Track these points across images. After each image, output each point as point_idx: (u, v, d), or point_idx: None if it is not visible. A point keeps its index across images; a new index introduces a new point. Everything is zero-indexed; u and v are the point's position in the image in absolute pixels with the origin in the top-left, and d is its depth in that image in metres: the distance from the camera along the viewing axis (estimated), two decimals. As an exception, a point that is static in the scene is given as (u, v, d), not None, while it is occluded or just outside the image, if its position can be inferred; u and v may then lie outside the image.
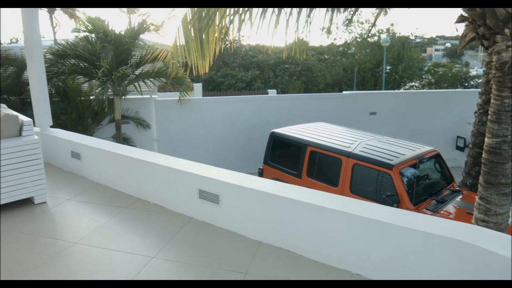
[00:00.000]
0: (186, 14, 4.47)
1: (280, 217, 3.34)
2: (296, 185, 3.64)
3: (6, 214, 4.06)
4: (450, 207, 6.29)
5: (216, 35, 4.39)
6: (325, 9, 4.24)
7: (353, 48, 24.46)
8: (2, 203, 4.07)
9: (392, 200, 6.07)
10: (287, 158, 8.12)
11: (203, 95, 17.58)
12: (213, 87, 22.43)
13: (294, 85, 22.90)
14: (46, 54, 8.89)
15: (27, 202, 4.31)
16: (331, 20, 4.30)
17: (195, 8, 4.27)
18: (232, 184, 3.54)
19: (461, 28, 5.48)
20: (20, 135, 4.27)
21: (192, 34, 4.43)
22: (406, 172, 6.56)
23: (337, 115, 12.04)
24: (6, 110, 4.51)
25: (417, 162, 6.75)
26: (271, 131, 8.42)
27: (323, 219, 3.09)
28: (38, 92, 5.73)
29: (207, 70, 4.79)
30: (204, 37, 4.46)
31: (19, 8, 5.52)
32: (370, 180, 6.66)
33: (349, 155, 6.91)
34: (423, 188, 6.70)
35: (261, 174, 8.38)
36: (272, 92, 19.04)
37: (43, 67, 5.78)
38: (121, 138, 9.42)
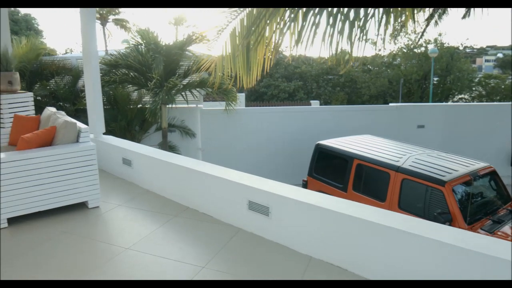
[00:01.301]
0: (235, 29, 4.48)
1: (331, 232, 3.25)
2: (348, 200, 3.54)
3: (62, 216, 4.21)
4: (507, 228, 5.92)
5: (264, 53, 4.37)
6: (373, 20, 4.13)
7: (399, 59, 23.89)
8: (59, 206, 4.24)
9: (444, 218, 5.78)
10: (332, 171, 7.97)
11: (246, 106, 17.72)
12: (255, 97, 22.61)
13: (337, 96, 22.64)
14: (99, 64, 9.28)
15: (81, 206, 4.46)
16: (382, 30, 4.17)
17: (244, 23, 4.29)
18: (283, 196, 3.49)
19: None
20: (77, 141, 4.44)
21: (240, 47, 4.45)
22: (459, 189, 6.25)
23: (383, 127, 11.73)
24: (65, 117, 4.71)
25: (471, 178, 6.42)
26: (316, 142, 8.31)
27: (377, 236, 2.98)
28: (93, 100, 5.97)
29: (253, 84, 4.80)
30: (251, 52, 4.47)
31: (79, 21, 5.80)
32: (420, 197, 6.40)
33: (398, 169, 6.68)
34: (478, 206, 6.35)
35: (305, 186, 8.28)
36: (315, 103, 18.90)
37: (98, 77, 6.03)
38: (167, 146, 9.62)
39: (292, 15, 3.81)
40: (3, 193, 3.90)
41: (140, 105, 9.95)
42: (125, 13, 23.67)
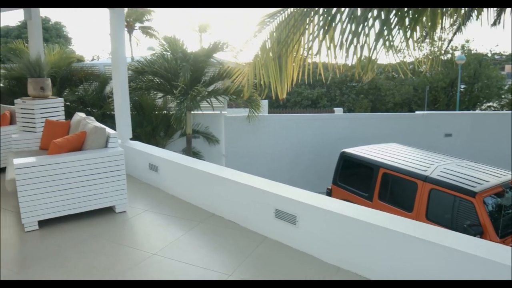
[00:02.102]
0: (265, 42, 4.45)
1: (360, 243, 3.18)
2: (377, 210, 3.46)
3: (91, 220, 4.28)
4: (543, 243, 5.69)
5: (296, 62, 4.34)
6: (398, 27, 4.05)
7: (424, 66, 23.45)
8: (87, 209, 4.31)
9: (475, 231, 5.60)
10: (357, 179, 7.86)
11: (269, 112, 17.72)
12: (278, 104, 22.59)
13: (361, 104, 22.39)
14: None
15: (109, 210, 4.52)
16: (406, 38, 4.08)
17: (274, 34, 4.27)
18: (311, 205, 3.45)
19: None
20: (106, 146, 4.52)
21: (271, 56, 4.43)
22: (490, 200, 6.05)
23: (409, 136, 11.53)
24: (94, 122, 4.80)
25: (503, 190, 6.21)
26: (342, 150, 8.22)
27: (407, 248, 2.90)
28: (121, 106, 6.07)
29: (284, 96, 4.79)
30: (283, 61, 4.44)
31: (106, 28, 5.93)
32: (449, 208, 6.23)
33: (425, 179, 6.52)
34: (510, 219, 6.13)
35: (329, 194, 8.19)
36: (338, 111, 18.76)
37: (126, 83, 6.13)
38: (191, 152, 9.70)
39: (321, 22, 3.79)
40: (35, 196, 3.99)
41: (165, 111, 10.08)
42: (151, 21, 24.14)
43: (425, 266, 2.81)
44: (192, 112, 9.71)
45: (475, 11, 4.00)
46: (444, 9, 3.72)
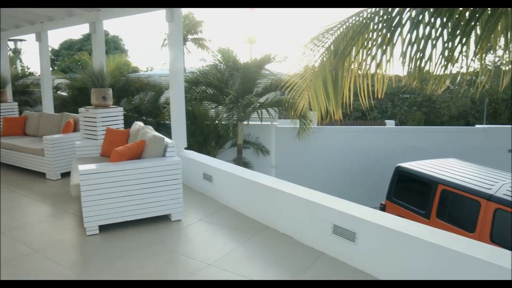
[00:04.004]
0: (323, 56, 4.38)
1: (422, 264, 3.00)
2: (441, 230, 3.26)
3: (147, 227, 4.37)
4: None
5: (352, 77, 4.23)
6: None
7: (483, 77, 22.27)
8: (145, 217, 4.41)
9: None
10: (414, 196, 7.52)
11: (318, 124, 17.51)
12: (327, 115, 22.30)
13: (414, 116, 21.59)
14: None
15: (164, 218, 4.60)
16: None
17: (332, 47, 4.19)
18: (371, 222, 3.31)
19: None
20: (164, 155, 4.62)
21: (327, 69, 4.34)
22: None
23: (468, 151, 10.94)
24: (153, 132, 4.93)
25: None
26: (397, 165, 7.92)
27: (479, 273, 2.69)
28: (177, 116, 6.22)
29: (340, 116, 4.70)
30: (339, 76, 4.35)
31: (161, 40, 6.11)
32: (518, 230, 5.78)
33: (490, 198, 6.11)
34: None
35: (383, 209, 7.89)
36: (390, 123, 18.19)
37: (183, 93, 6.28)
38: (241, 162, 9.75)
39: (380, 34, 3.66)
40: (97, 201, 4.14)
41: (217, 121, 10.23)
42: (203, 32, 24.75)
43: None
44: (244, 123, 9.78)
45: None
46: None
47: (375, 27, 3.70)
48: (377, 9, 3.85)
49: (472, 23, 3.22)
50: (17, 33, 9.59)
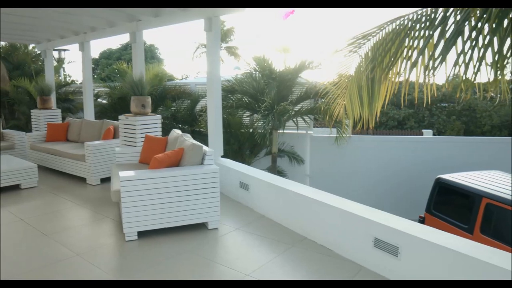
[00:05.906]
0: (360, 64, 4.30)
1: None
2: (488, 246, 3.09)
3: (184, 235, 4.39)
4: None
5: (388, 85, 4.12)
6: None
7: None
8: (182, 224, 4.44)
9: None
10: (455, 209, 7.23)
11: (352, 133, 17.25)
12: (361, 124, 21.93)
13: (452, 126, 20.86)
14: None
15: (201, 226, 4.61)
16: None
17: (369, 53, 4.10)
18: (415, 236, 3.18)
19: None
20: (202, 163, 4.64)
21: (364, 79, 4.25)
22: None
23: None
24: (191, 139, 4.98)
25: None
26: (437, 176, 7.64)
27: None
28: (214, 124, 6.26)
29: (372, 125, 4.60)
30: (376, 85, 4.25)
31: (193, 49, 6.19)
32: None
33: (540, 213, 5.78)
34: None
35: (422, 222, 7.62)
36: (427, 133, 17.66)
37: (220, 101, 6.33)
38: (275, 171, 9.70)
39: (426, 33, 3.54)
40: (136, 207, 4.21)
41: (251, 130, 10.24)
42: (233, 41, 25.03)
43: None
44: (279, 131, 9.75)
45: None
46: None
47: (417, 34, 3.60)
48: (418, 15, 3.74)
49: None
50: (62, 43, 10.00)
